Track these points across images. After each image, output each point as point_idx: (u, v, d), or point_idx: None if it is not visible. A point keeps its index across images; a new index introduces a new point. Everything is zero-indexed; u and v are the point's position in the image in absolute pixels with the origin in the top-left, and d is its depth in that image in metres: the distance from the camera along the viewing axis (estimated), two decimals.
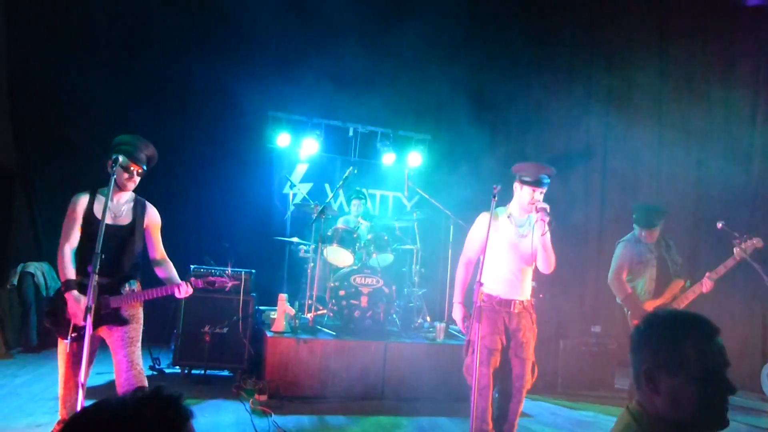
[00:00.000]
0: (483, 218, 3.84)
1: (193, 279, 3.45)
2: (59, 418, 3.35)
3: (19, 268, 6.43)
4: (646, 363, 1.53)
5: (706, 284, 4.13)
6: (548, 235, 3.64)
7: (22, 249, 6.78)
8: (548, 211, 3.57)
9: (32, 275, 6.44)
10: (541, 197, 3.71)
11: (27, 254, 6.70)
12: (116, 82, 7.10)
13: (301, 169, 7.97)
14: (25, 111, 6.88)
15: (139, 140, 3.38)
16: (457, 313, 3.86)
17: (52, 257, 6.58)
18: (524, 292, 3.80)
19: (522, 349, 3.75)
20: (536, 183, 3.67)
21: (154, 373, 5.56)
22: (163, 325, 5.89)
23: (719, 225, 4.21)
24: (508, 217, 3.83)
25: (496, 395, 3.89)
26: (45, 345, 6.32)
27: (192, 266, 5.80)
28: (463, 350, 3.81)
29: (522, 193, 3.75)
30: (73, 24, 6.96)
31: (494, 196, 3.25)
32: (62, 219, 3.36)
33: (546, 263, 3.75)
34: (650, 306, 4.26)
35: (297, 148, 7.82)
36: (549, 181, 3.74)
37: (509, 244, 3.77)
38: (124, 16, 7.18)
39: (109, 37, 7.13)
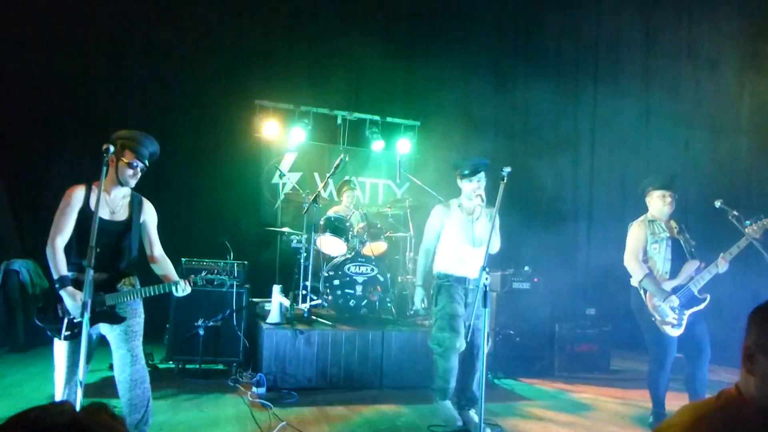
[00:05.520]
0: (437, 210, 4.42)
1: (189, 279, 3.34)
2: None
3: (2, 266, 6.25)
4: (747, 341, 1.47)
5: (722, 264, 4.10)
6: (486, 219, 4.20)
7: (6, 246, 6.58)
8: (483, 198, 4.14)
9: (17, 273, 6.27)
10: (481, 185, 4.20)
11: (11, 251, 6.51)
12: (101, 73, 6.91)
13: (289, 159, 7.84)
14: (5, 102, 6.66)
15: (144, 136, 3.25)
16: (419, 295, 4.41)
17: (37, 254, 6.47)
18: (477, 271, 3.98)
19: (479, 320, 4.08)
20: (472, 174, 4.21)
21: (148, 369, 5.44)
22: (155, 319, 5.73)
23: (717, 204, 4.18)
24: (459, 206, 4.33)
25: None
26: (32, 344, 6.17)
27: (183, 259, 5.69)
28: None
29: (464, 186, 4.28)
30: (55, 13, 6.75)
31: (503, 179, 3.19)
32: (46, 214, 3.22)
33: (494, 244, 4.17)
34: (668, 286, 4.22)
35: (285, 137, 7.69)
36: (483, 170, 4.22)
37: (460, 230, 4.28)
38: (108, 6, 6.97)
39: (94, 27, 6.91)
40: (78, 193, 3.16)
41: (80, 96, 6.79)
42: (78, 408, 2.67)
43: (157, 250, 3.44)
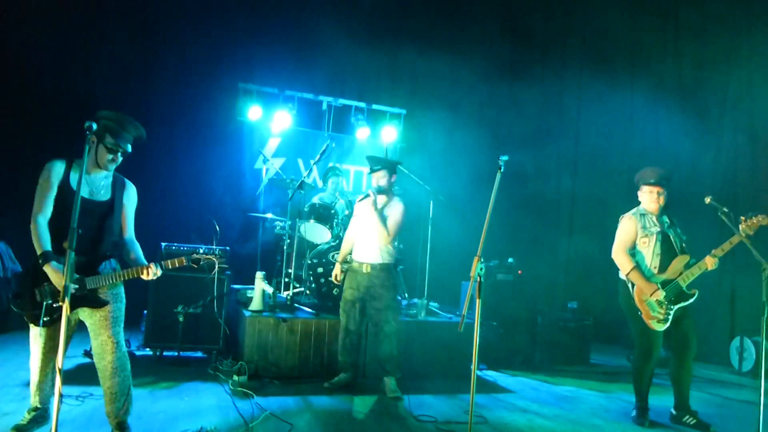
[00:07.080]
0: (359, 205, 4.96)
1: (169, 261, 3.18)
2: (31, 406, 3.12)
3: None
4: None
5: (711, 261, 4.10)
6: (374, 213, 4.69)
7: None
8: (370, 194, 4.73)
9: None
10: (379, 179, 4.78)
11: None
12: (77, 51, 6.64)
13: (273, 144, 7.68)
14: None
15: (128, 120, 3.11)
16: (337, 270, 5.06)
17: (8, 236, 6.23)
18: (375, 257, 4.75)
19: (376, 300, 4.72)
20: (371, 171, 4.87)
21: None
22: (133, 305, 5.57)
23: (707, 200, 4.18)
24: (372, 201, 4.72)
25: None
26: (3, 329, 5.95)
27: (163, 244, 5.53)
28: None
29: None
30: None
31: (500, 168, 3.10)
32: (18, 193, 3.06)
33: (380, 235, 4.71)
34: (657, 280, 4.20)
35: (269, 122, 7.53)
36: (382, 167, 4.80)
37: (363, 222, 4.82)
38: None
39: (71, 3, 6.64)
40: (57, 168, 3.01)
41: (55, 75, 6.50)
42: (57, 396, 2.52)
43: (129, 234, 3.29)
